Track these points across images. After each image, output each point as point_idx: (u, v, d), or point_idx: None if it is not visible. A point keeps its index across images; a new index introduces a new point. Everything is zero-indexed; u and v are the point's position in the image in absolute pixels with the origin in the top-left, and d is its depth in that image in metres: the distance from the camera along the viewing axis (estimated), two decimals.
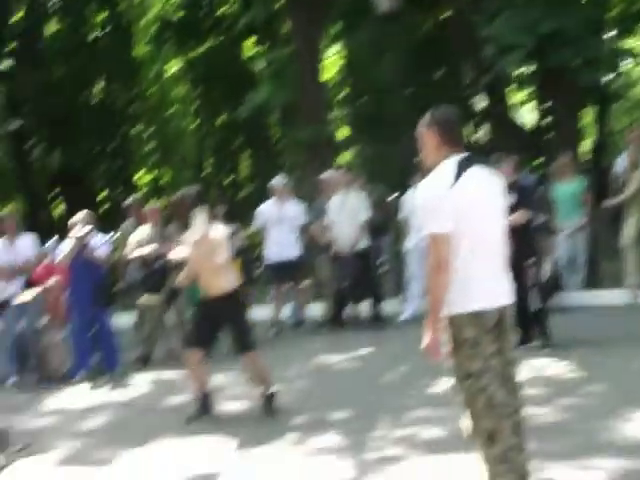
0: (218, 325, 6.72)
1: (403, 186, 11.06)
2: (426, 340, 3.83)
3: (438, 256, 3.71)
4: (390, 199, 11.54)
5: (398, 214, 10.91)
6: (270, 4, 14.61)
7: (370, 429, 5.92)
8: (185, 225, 6.64)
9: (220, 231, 6.61)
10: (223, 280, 6.50)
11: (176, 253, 6.99)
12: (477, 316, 3.75)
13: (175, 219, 10.41)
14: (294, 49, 13.84)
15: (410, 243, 10.44)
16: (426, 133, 3.91)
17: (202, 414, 6.69)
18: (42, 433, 7.00)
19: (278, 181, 10.99)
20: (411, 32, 18.38)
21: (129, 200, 11.03)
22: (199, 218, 6.50)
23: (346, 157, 27.53)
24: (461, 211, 3.71)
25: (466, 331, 3.76)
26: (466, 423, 3.89)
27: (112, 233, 11.28)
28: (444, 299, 3.73)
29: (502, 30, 11.41)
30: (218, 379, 7.56)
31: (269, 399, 6.60)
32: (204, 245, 6.45)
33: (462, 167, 3.76)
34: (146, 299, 9.85)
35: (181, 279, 6.93)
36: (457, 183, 3.72)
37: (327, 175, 10.96)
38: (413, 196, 10.06)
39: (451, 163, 3.78)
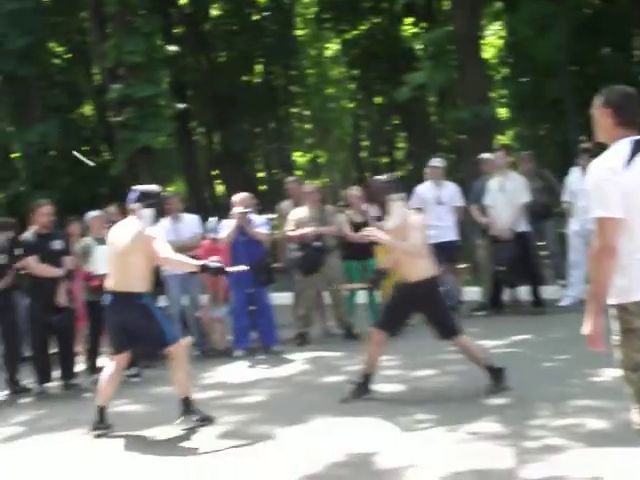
0: (411, 311, 6.82)
1: (565, 168, 10.70)
2: (587, 329, 3.68)
3: (604, 241, 3.56)
4: (552, 181, 11.14)
5: (561, 197, 10.53)
6: None
7: (529, 417, 5.77)
8: (382, 210, 6.76)
9: (417, 218, 6.64)
10: (420, 267, 6.49)
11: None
12: None
13: (371, 204, 10.64)
14: (454, 29, 13.58)
15: (574, 227, 10.14)
16: (600, 113, 3.75)
17: (361, 394, 6.70)
18: (205, 406, 7.22)
19: (435, 162, 10.88)
20: (576, 7, 17.71)
21: (288, 180, 11.19)
22: (397, 205, 6.56)
23: (505, 138, 26.99)
24: (632, 196, 3.55)
25: (635, 321, 3.58)
26: (636, 416, 3.71)
27: (270, 214, 11.55)
28: (608, 286, 3.58)
29: None
30: None
31: (495, 374, 6.53)
32: (403, 231, 6.45)
33: (636, 150, 3.59)
34: (302, 279, 10.01)
35: (387, 263, 7.00)
36: (629, 166, 3.56)
37: (486, 156, 10.77)
38: (578, 178, 9.77)
39: (624, 145, 3.62)
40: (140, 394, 8.04)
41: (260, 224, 9.69)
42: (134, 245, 6.30)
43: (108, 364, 6.68)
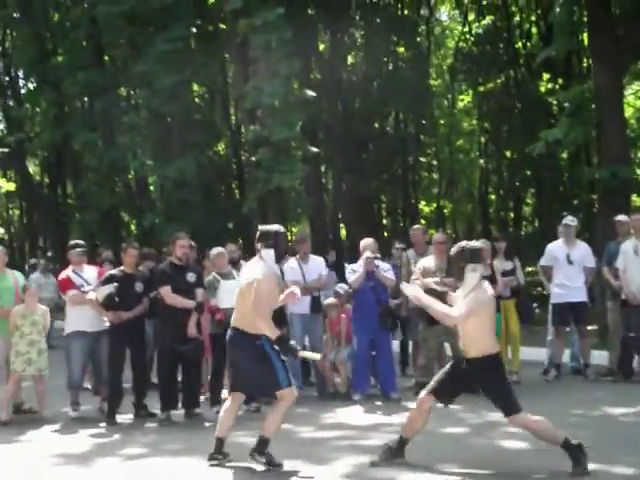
0: (464, 386, 6.50)
1: None
2: None
3: None
4: None
5: None
6: (570, 40, 14.23)
7: None
8: (458, 276, 6.42)
9: (485, 293, 6.29)
10: (480, 342, 6.23)
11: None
12: None
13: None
14: (594, 86, 13.39)
15: None
16: None
17: (393, 458, 6.49)
18: (322, 445, 7.29)
19: (568, 221, 10.70)
20: None
21: (414, 228, 11.22)
22: (472, 275, 6.31)
23: None
24: None
25: None
26: None
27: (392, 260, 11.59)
28: None
29: None
30: None
31: (573, 453, 6.03)
32: (481, 308, 6.23)
33: None
34: (425, 328, 9.97)
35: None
36: None
37: (622, 217, 10.52)
38: None
39: None
40: (257, 427, 8.14)
41: (387, 270, 9.75)
42: (248, 287, 6.43)
43: (228, 399, 6.82)
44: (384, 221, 30.17)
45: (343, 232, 27.67)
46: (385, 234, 28.20)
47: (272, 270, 6.58)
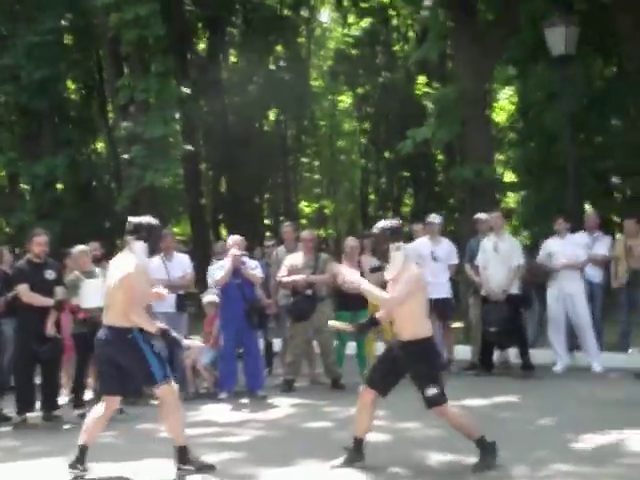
0: (400, 372, 6.18)
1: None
2: None
3: None
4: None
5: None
6: (440, 42, 14.57)
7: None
8: (384, 258, 6.21)
9: (414, 273, 6.08)
10: (413, 325, 6.01)
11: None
12: None
13: (375, 251, 10.60)
14: (461, 87, 13.74)
15: (552, 291, 10.43)
16: None
17: (354, 461, 6.19)
18: (190, 443, 7.19)
19: (432, 218, 10.94)
20: (588, 77, 17.96)
21: (285, 225, 11.27)
22: (397, 254, 6.11)
23: (511, 200, 27.09)
24: None
25: None
26: None
27: (263, 258, 11.60)
28: None
29: None
30: None
31: (485, 450, 5.97)
32: (415, 286, 6.02)
33: None
34: (292, 326, 10.01)
35: (382, 315, 6.29)
36: None
37: (482, 215, 10.83)
38: (554, 243, 10.26)
39: None
40: (125, 429, 7.99)
41: (254, 267, 9.73)
42: (119, 282, 6.15)
43: (98, 404, 6.40)
44: (266, 221, 30.20)
45: (224, 232, 27.54)
46: (268, 234, 28.24)
47: (143, 264, 6.30)
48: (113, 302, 6.21)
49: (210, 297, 10.07)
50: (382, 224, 6.22)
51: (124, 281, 6.08)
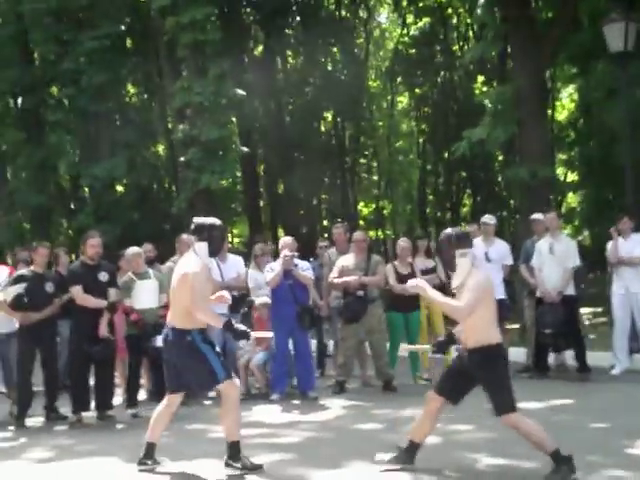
0: (470, 380, 6.01)
1: None
2: None
3: None
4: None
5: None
6: (495, 41, 14.39)
7: None
8: (449, 265, 6.07)
9: (482, 279, 5.93)
10: (481, 333, 5.87)
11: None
12: None
13: (428, 253, 10.62)
14: (518, 87, 13.54)
15: (619, 291, 10.22)
16: None
17: (402, 462, 6.12)
18: (241, 444, 7.24)
19: (486, 219, 10.80)
20: None
21: (335, 227, 11.19)
22: (463, 261, 5.97)
23: (573, 200, 26.67)
24: None
25: None
26: None
27: (316, 259, 11.58)
28: None
29: None
30: None
31: (560, 463, 5.71)
32: (483, 292, 5.85)
33: None
34: (344, 327, 9.97)
35: (458, 329, 6.12)
36: None
37: (537, 216, 10.64)
38: (620, 244, 9.91)
39: None
40: (176, 429, 8.06)
41: (305, 268, 9.72)
42: (182, 281, 6.19)
43: (162, 402, 6.54)
44: (324, 222, 30.25)
45: (281, 233, 27.65)
46: (325, 235, 28.24)
47: (205, 264, 6.35)
48: (174, 302, 6.30)
49: (263, 298, 10.09)
50: (447, 231, 6.16)
51: (186, 281, 6.13)
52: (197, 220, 6.47)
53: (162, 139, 26.08)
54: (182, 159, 17.51)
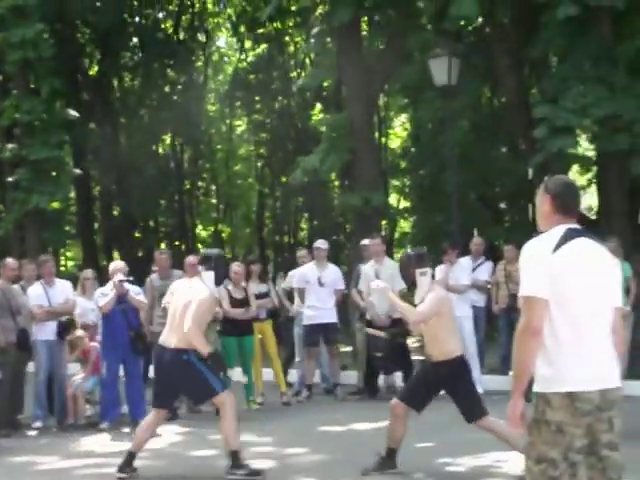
0: (434, 390, 6.55)
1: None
2: (509, 409, 3.60)
3: (528, 321, 3.52)
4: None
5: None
6: (330, 71, 14.76)
7: None
8: (411, 283, 6.67)
9: (440, 294, 6.50)
10: (444, 347, 6.35)
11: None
12: (568, 398, 3.50)
13: (262, 278, 10.78)
14: (348, 115, 13.94)
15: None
16: (540, 200, 3.81)
17: (384, 468, 6.54)
18: (68, 475, 7.04)
19: (319, 244, 11.04)
20: (472, 106, 18.51)
21: (157, 251, 11.11)
22: (423, 279, 6.45)
23: (406, 226, 27.59)
24: (559, 278, 3.53)
25: (551, 413, 3.51)
26: None
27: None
28: (529, 367, 3.54)
29: (556, 111, 11.34)
30: None
31: None
32: (441, 306, 6.36)
33: (569, 236, 3.61)
34: None
35: (411, 327, 6.76)
36: (559, 250, 3.57)
37: (367, 241, 10.98)
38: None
39: (559, 230, 3.65)
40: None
41: (137, 292, 9.57)
42: (189, 305, 6.69)
43: (150, 414, 7.07)
44: (162, 245, 29.83)
45: (117, 256, 27.04)
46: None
47: (211, 291, 6.90)
48: (178, 324, 6.75)
49: (78, 332, 9.84)
50: (407, 252, 6.86)
51: (193, 305, 6.65)
52: (204, 251, 7.65)
53: None
54: (10, 179, 16.87)
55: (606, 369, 3.60)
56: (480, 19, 14.84)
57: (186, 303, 6.76)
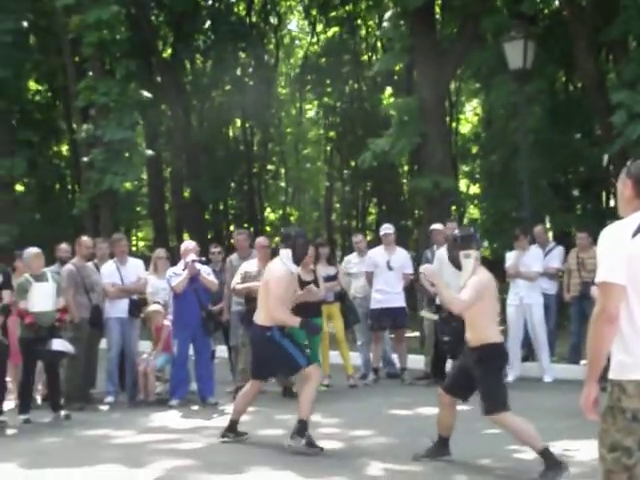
0: (472, 377, 6.26)
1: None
2: (583, 396, 3.57)
3: (604, 306, 3.45)
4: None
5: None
6: (403, 55, 14.63)
7: None
8: (456, 265, 6.44)
9: (484, 279, 6.20)
10: (481, 332, 6.15)
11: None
12: None
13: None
14: (419, 99, 13.81)
15: (513, 302, 10.56)
16: (622, 184, 3.73)
17: (436, 455, 6.51)
18: (140, 450, 7.17)
19: (386, 229, 10.99)
20: (550, 91, 18.17)
21: (237, 232, 11.16)
22: (468, 261, 6.28)
23: (474, 212, 27.30)
24: (637, 264, 3.45)
25: (626, 400, 3.45)
26: None
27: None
28: (604, 354, 3.49)
29: (634, 97, 11.05)
30: None
31: (550, 465, 5.89)
32: (484, 290, 6.12)
33: None
34: (245, 333, 9.96)
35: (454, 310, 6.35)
36: (639, 235, 3.49)
37: (437, 226, 10.87)
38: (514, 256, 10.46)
39: (639, 216, 3.56)
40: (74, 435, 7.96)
41: (208, 273, 9.68)
42: (267, 283, 7.12)
43: (248, 384, 7.50)
44: (231, 227, 30.13)
45: (187, 237, 27.40)
46: (232, 241, 28.09)
47: (288, 268, 7.16)
48: (262, 303, 7.16)
49: (153, 306, 10.00)
50: (455, 232, 6.62)
51: (271, 284, 7.03)
52: (283, 230, 8.03)
53: (65, 139, 25.52)
54: (85, 159, 17.20)
55: None
56: (557, 1, 14.52)
57: (264, 283, 7.17)
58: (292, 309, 10.02)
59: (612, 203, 19.69)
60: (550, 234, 20.45)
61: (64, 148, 26.76)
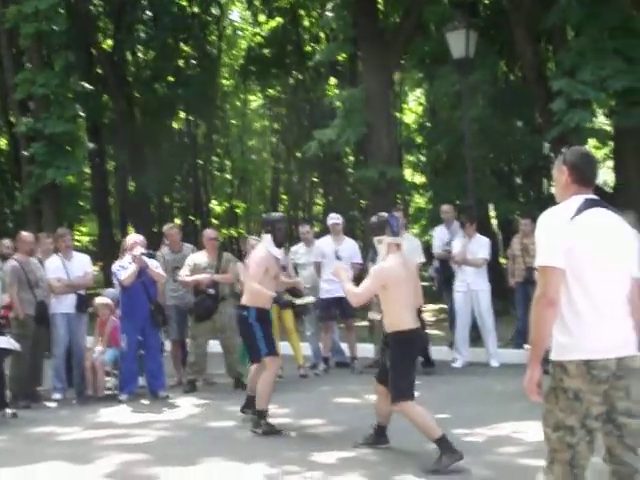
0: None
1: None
2: (526, 378, 3.64)
3: (545, 290, 3.54)
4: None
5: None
6: (346, 45, 14.67)
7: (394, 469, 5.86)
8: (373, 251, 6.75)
9: (394, 265, 6.15)
10: (394, 318, 6.12)
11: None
12: (585, 366, 3.53)
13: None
14: (364, 90, 13.87)
15: (457, 289, 10.72)
16: (558, 170, 3.82)
17: (376, 443, 6.55)
18: (89, 445, 7.10)
19: (334, 218, 11.02)
20: (489, 81, 18.35)
21: (168, 227, 11.04)
22: (380, 248, 6.35)
23: (421, 201, 27.52)
24: (574, 251, 3.55)
25: (568, 381, 3.56)
26: (542, 475, 3.70)
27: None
28: (546, 336, 3.56)
29: (574, 85, 11.25)
30: None
31: (445, 450, 5.94)
32: (385, 279, 6.08)
33: (586, 206, 3.63)
34: (194, 325, 9.93)
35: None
36: (576, 219, 3.59)
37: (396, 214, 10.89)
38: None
39: (576, 201, 3.67)
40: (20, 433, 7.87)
41: (156, 266, 9.59)
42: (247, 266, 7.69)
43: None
44: (177, 220, 29.90)
45: (131, 232, 27.11)
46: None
47: (269, 252, 7.41)
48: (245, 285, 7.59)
49: (102, 299, 9.91)
50: (372, 218, 6.61)
51: (251, 263, 7.46)
52: (264, 215, 8.05)
53: (4, 133, 25.05)
54: (25, 153, 16.91)
55: (622, 337, 3.63)
56: None
57: (246, 265, 7.76)
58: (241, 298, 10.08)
59: (553, 190, 20.01)
60: (494, 221, 20.82)
61: (3, 142, 26.26)
